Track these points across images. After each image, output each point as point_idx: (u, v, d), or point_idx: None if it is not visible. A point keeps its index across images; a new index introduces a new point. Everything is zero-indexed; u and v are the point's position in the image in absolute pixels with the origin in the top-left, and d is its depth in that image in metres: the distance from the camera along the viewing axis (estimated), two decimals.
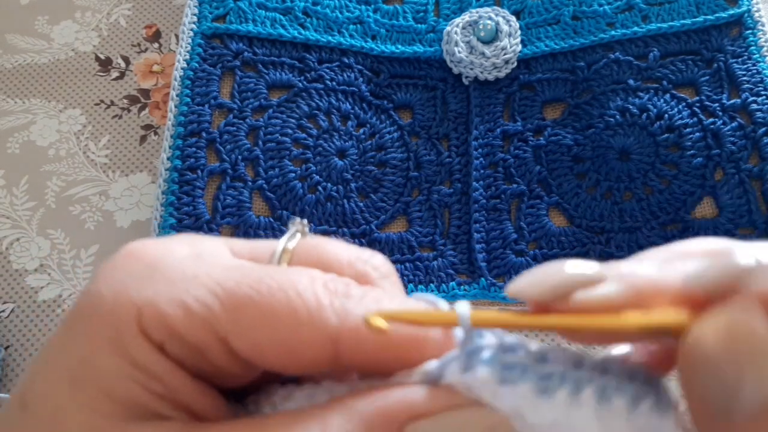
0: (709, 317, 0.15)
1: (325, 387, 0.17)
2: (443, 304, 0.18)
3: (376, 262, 0.20)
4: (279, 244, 0.19)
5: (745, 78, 0.48)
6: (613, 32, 0.50)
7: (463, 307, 0.17)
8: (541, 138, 0.48)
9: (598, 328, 0.16)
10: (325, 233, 0.46)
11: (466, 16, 0.50)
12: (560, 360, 0.17)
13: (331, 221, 0.46)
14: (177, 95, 0.49)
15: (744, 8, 0.50)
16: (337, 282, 0.17)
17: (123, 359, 0.16)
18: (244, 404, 0.18)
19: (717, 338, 0.15)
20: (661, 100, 0.48)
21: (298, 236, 0.20)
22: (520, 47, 0.50)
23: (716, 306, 0.15)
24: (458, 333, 0.17)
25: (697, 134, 0.47)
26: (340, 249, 0.20)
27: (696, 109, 0.48)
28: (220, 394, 0.18)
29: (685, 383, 0.15)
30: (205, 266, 0.17)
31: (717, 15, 0.50)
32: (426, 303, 0.18)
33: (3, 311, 0.47)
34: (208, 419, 0.17)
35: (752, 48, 0.49)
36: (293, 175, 0.47)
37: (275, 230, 0.46)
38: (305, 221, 0.20)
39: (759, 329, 0.14)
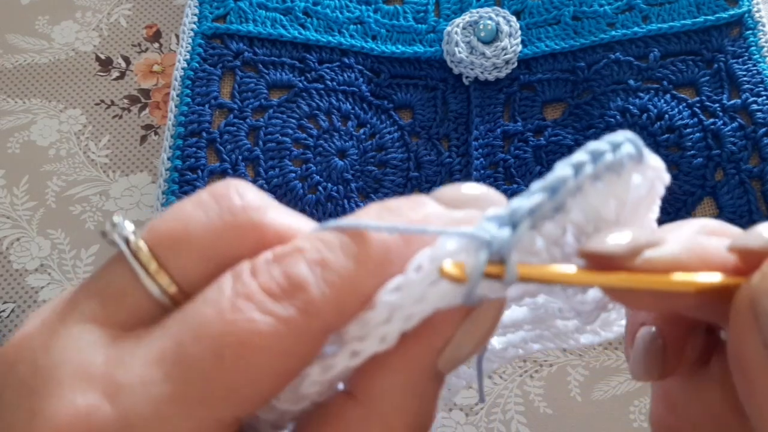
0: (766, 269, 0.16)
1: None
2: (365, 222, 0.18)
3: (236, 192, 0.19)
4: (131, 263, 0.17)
5: (745, 78, 0.48)
6: (613, 32, 0.50)
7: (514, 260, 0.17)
8: (542, 138, 0.48)
9: (667, 288, 0.17)
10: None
11: (466, 17, 0.50)
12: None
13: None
14: (177, 95, 0.49)
15: (744, 8, 0.50)
16: (271, 270, 0.17)
17: None
18: None
19: None
20: (662, 101, 0.48)
21: (134, 239, 0.17)
22: (520, 47, 0.50)
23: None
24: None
25: (698, 134, 0.47)
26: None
27: (696, 110, 0.48)
28: None
29: (741, 337, 0.16)
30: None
31: (717, 15, 0.50)
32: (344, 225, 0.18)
33: (3, 311, 0.47)
34: None
35: (752, 48, 0.49)
36: (293, 175, 0.47)
37: None
38: (116, 219, 0.18)
39: None
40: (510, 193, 0.47)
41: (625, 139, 0.18)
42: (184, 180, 0.47)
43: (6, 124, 0.53)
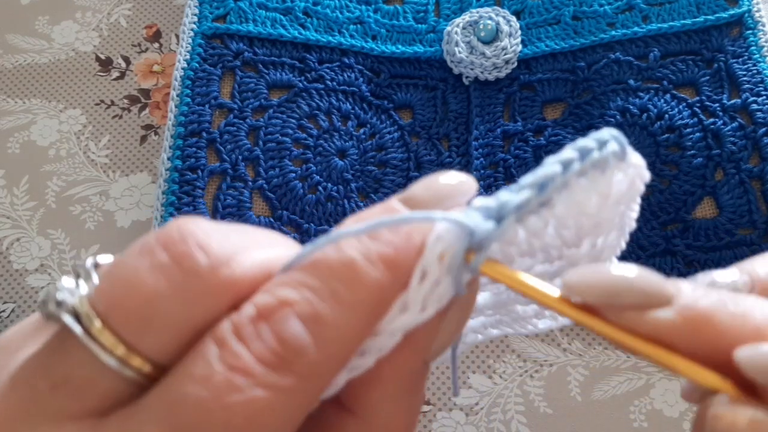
0: (747, 410, 0.15)
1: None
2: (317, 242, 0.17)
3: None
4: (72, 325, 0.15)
5: (745, 78, 0.48)
6: (613, 32, 0.50)
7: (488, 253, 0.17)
8: (542, 138, 0.48)
9: (639, 352, 0.16)
10: (325, 234, 0.46)
11: (466, 16, 0.50)
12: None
13: (331, 221, 0.46)
14: (177, 95, 0.49)
15: (744, 8, 0.50)
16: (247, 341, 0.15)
17: None
18: None
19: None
20: (662, 101, 0.48)
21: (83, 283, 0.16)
22: (520, 47, 0.50)
23: (758, 401, 0.15)
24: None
25: (698, 134, 0.47)
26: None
27: (696, 110, 0.48)
28: None
29: None
30: None
31: (717, 15, 0.50)
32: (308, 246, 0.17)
33: (3, 311, 0.47)
34: None
35: (752, 48, 0.49)
36: (293, 175, 0.47)
37: (275, 230, 0.46)
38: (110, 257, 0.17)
39: None
40: None
41: (611, 137, 0.18)
42: (184, 180, 0.47)
43: (6, 124, 0.53)
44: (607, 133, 0.19)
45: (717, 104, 0.48)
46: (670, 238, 0.45)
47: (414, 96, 0.50)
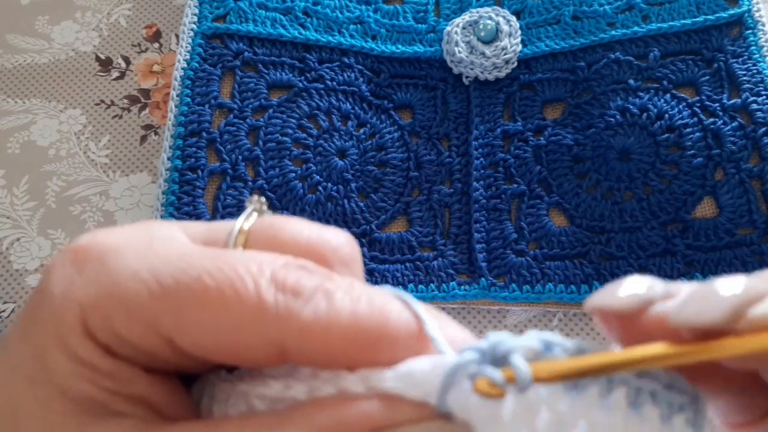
0: None
1: (303, 379, 0.16)
2: (415, 307, 0.17)
3: (335, 242, 0.18)
4: (235, 225, 0.18)
5: (745, 78, 0.48)
6: (613, 32, 0.50)
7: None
8: (542, 138, 0.48)
9: None
10: None
11: (466, 16, 0.50)
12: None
13: (331, 221, 0.46)
14: (177, 95, 0.49)
15: (744, 8, 0.50)
16: (290, 270, 0.16)
17: (70, 358, 0.16)
18: (212, 393, 0.17)
19: None
20: (662, 100, 0.48)
21: (254, 216, 0.19)
22: (520, 47, 0.50)
23: None
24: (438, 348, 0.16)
25: (698, 134, 0.47)
26: (298, 228, 0.18)
27: (696, 109, 0.48)
28: (181, 385, 0.17)
29: None
30: (150, 259, 0.16)
31: (717, 15, 0.50)
32: (396, 298, 0.17)
33: (3, 311, 0.47)
34: (170, 413, 0.17)
35: (752, 48, 0.49)
36: (293, 175, 0.47)
37: None
38: (263, 199, 0.19)
39: None
40: (510, 193, 0.47)
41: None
42: (184, 180, 0.47)
43: (6, 125, 0.53)
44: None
45: (717, 104, 0.48)
46: (670, 238, 0.45)
47: (414, 96, 0.50)
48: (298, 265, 0.16)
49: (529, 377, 0.14)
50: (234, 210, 0.46)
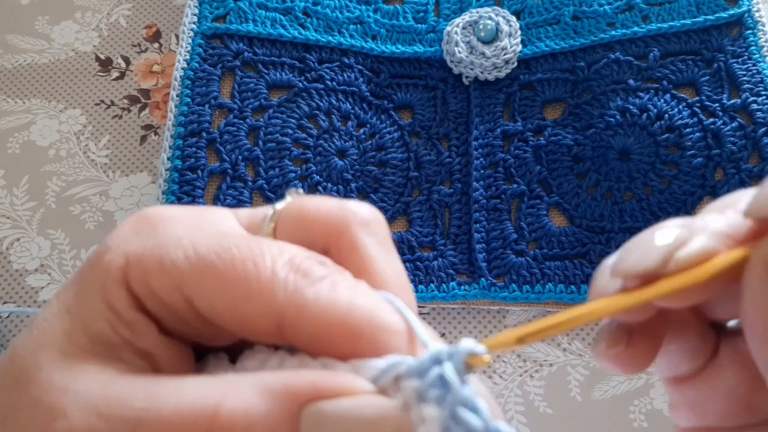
0: None
1: (279, 355, 0.18)
2: (403, 309, 0.18)
3: (355, 208, 0.20)
4: (270, 210, 0.20)
5: (745, 78, 0.48)
6: (613, 32, 0.50)
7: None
8: (542, 138, 0.48)
9: (703, 279, 0.17)
10: None
11: (466, 16, 0.50)
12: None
13: None
14: (177, 95, 0.49)
15: (744, 8, 0.50)
16: (308, 259, 0.18)
17: (103, 302, 0.18)
18: (207, 369, 0.19)
19: None
20: (662, 100, 0.48)
21: (289, 198, 0.21)
22: (520, 47, 0.50)
23: None
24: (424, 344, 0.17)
25: (698, 134, 0.47)
26: (321, 200, 0.20)
27: (696, 109, 0.48)
28: (191, 354, 0.19)
29: (751, 300, 0.16)
30: (195, 231, 0.18)
31: (717, 15, 0.50)
32: (388, 301, 0.18)
33: (3, 311, 0.47)
34: (171, 373, 0.18)
35: (752, 48, 0.49)
36: (293, 175, 0.47)
37: None
38: (300, 190, 0.21)
39: None
40: (510, 193, 0.47)
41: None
42: (184, 180, 0.47)
43: (6, 125, 0.53)
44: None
45: (717, 104, 0.48)
46: None
47: (414, 96, 0.50)
48: (317, 260, 0.18)
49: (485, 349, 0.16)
50: None
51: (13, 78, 0.55)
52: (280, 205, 0.20)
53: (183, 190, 0.46)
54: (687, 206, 0.46)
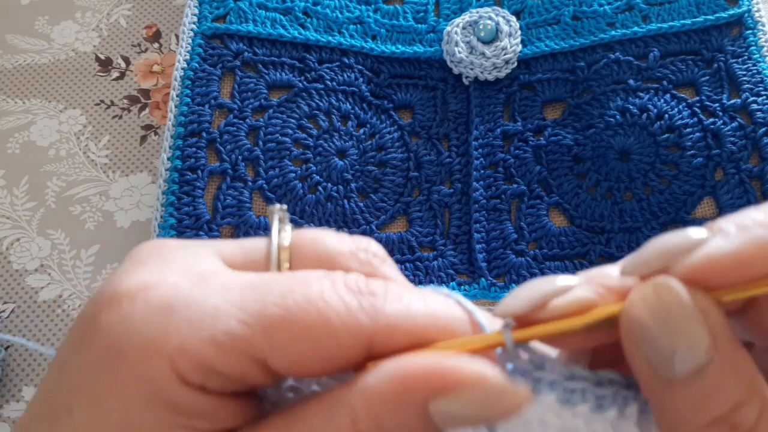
0: (637, 289, 0.16)
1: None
2: (460, 298, 0.19)
3: (374, 249, 0.20)
4: (272, 245, 0.19)
5: (745, 78, 0.48)
6: (613, 32, 0.50)
7: (507, 331, 0.18)
8: (542, 138, 0.48)
9: (564, 330, 0.17)
10: None
11: (466, 16, 0.50)
12: (583, 376, 0.18)
13: (331, 221, 0.46)
14: (177, 95, 0.49)
15: (744, 8, 0.50)
16: (355, 280, 0.18)
17: (165, 410, 0.16)
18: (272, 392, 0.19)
19: (646, 304, 0.16)
20: (662, 100, 0.48)
21: (288, 229, 0.20)
22: (520, 47, 0.50)
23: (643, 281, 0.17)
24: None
25: (698, 134, 0.47)
26: (337, 241, 0.20)
27: (696, 109, 0.48)
28: (258, 402, 0.19)
29: (629, 356, 0.17)
30: (217, 294, 0.17)
31: (717, 15, 0.50)
32: (442, 295, 0.19)
33: (3, 311, 0.47)
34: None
35: (752, 48, 0.49)
36: (293, 175, 0.47)
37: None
38: (284, 206, 0.20)
39: (682, 295, 0.16)
40: (510, 193, 0.47)
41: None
42: (184, 180, 0.47)
43: (6, 125, 0.53)
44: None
45: (717, 104, 0.48)
46: None
47: (414, 96, 0.50)
48: (356, 277, 0.18)
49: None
50: (234, 210, 0.46)
51: (13, 78, 0.55)
52: (284, 239, 0.19)
53: (183, 190, 0.46)
54: (687, 206, 0.46)
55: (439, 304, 0.18)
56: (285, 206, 0.20)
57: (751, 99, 0.47)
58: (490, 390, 0.16)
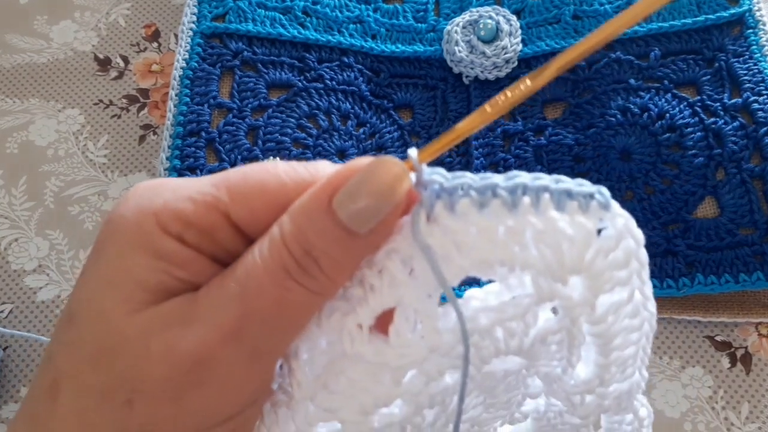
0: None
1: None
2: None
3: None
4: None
5: (746, 77, 0.48)
6: None
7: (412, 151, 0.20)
8: (542, 138, 0.48)
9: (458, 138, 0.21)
10: None
11: (466, 16, 0.50)
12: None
13: None
14: (176, 95, 0.49)
15: (745, 7, 0.50)
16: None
17: (151, 255, 0.19)
18: None
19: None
20: (663, 100, 0.48)
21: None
22: (520, 46, 0.49)
23: None
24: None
25: (699, 134, 0.47)
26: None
27: (697, 109, 0.48)
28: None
29: None
30: (194, 179, 0.21)
31: (718, 14, 0.50)
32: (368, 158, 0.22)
33: (2, 312, 0.47)
34: None
35: (753, 47, 0.49)
36: None
37: None
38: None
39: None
40: None
41: (596, 189, 0.20)
42: None
43: (4, 124, 0.53)
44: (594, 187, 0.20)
45: (718, 103, 0.48)
46: (671, 238, 0.45)
47: (414, 96, 0.50)
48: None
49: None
50: None
51: (12, 77, 0.55)
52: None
53: None
54: (688, 206, 0.46)
55: (360, 161, 0.21)
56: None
57: (753, 98, 0.47)
58: (373, 169, 0.20)
